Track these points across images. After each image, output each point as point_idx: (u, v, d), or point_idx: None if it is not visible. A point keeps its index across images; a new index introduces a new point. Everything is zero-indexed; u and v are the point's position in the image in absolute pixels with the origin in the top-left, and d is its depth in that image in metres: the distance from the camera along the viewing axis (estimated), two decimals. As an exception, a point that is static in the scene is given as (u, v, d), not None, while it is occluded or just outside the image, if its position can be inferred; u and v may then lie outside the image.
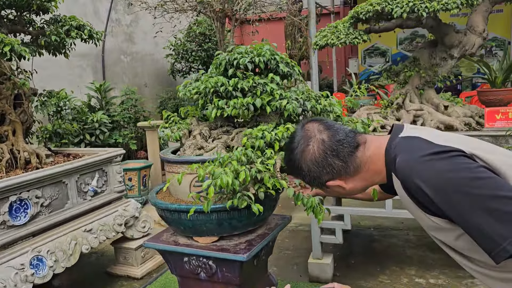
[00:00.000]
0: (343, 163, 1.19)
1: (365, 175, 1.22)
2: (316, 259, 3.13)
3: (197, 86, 1.87)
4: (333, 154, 1.19)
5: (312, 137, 1.21)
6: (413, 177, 1.05)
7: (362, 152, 1.20)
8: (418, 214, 1.14)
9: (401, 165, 1.09)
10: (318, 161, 1.20)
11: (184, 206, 1.72)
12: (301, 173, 1.25)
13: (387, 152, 1.17)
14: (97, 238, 2.99)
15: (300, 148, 1.22)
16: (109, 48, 6.56)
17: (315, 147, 1.20)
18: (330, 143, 1.19)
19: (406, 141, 1.15)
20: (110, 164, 3.22)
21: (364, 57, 9.63)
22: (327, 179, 1.23)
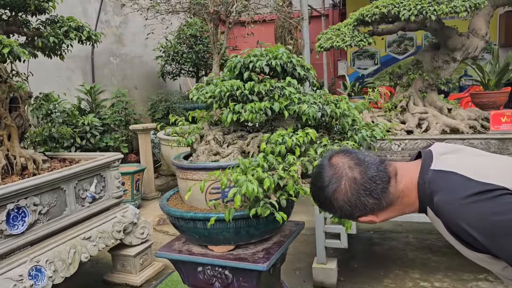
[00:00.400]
0: (376, 200, 1.16)
1: (397, 207, 1.19)
2: (320, 264, 3.09)
3: (211, 89, 1.80)
4: (366, 193, 1.15)
5: (344, 176, 1.16)
6: (457, 220, 1.03)
7: (395, 187, 1.16)
8: (461, 248, 1.12)
9: (442, 207, 1.07)
10: (351, 201, 1.16)
11: (201, 215, 1.65)
12: (331, 210, 1.22)
13: (420, 186, 1.14)
14: (96, 246, 2.89)
15: (331, 188, 1.17)
16: (99, 50, 6.42)
17: (347, 187, 1.15)
18: (362, 182, 1.15)
19: (442, 177, 1.11)
20: (108, 169, 3.13)
21: (353, 59, 9.68)
22: (359, 215, 1.20)
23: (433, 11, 2.49)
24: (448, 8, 2.46)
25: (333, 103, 1.77)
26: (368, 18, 2.78)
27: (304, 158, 1.62)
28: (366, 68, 9.51)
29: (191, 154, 2.00)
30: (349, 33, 2.87)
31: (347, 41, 2.81)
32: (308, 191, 1.53)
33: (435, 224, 1.20)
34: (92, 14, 6.36)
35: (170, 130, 2.06)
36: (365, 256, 3.54)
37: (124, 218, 3.16)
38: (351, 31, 2.89)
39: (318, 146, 1.68)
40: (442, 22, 3.03)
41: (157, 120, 6.66)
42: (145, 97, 7.17)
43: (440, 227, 1.14)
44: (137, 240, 3.29)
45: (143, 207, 5.23)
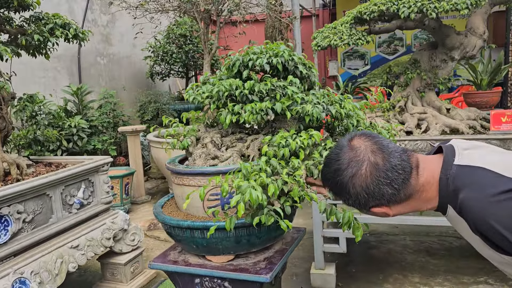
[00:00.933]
0: (396, 191, 1.06)
1: (414, 202, 1.10)
2: (318, 269, 3.00)
3: (208, 89, 1.70)
4: (387, 182, 1.05)
5: (366, 160, 1.06)
6: (487, 219, 0.94)
7: (416, 179, 1.07)
8: (485, 250, 1.03)
9: (469, 204, 0.98)
10: (370, 188, 1.06)
11: (199, 224, 1.54)
12: (345, 196, 1.12)
13: (442, 182, 1.05)
14: (85, 254, 2.75)
15: (350, 171, 1.07)
16: (85, 50, 6.25)
17: (368, 173, 1.06)
18: (384, 169, 1.05)
19: (468, 173, 1.02)
20: (96, 174, 2.99)
21: (343, 59, 9.65)
22: (374, 205, 1.10)
23: (434, 8, 2.42)
24: (449, 5, 2.39)
25: (338, 103, 1.67)
26: (367, 16, 2.70)
27: (309, 162, 1.52)
28: (356, 69, 9.48)
29: (186, 158, 1.88)
30: (346, 31, 2.79)
31: (345, 40, 2.72)
32: (315, 198, 1.43)
33: (454, 224, 1.11)
34: (79, 12, 6.19)
35: (163, 131, 1.94)
36: (363, 260, 3.46)
37: (114, 225, 3.03)
38: (348, 29, 2.81)
39: (323, 149, 1.58)
40: (440, 21, 2.97)
41: (146, 122, 6.51)
42: (133, 98, 7.01)
43: (462, 227, 1.05)
44: (128, 247, 3.16)
45: (133, 212, 5.09)
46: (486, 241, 0.99)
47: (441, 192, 1.06)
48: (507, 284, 2.92)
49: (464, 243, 3.63)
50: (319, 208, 1.40)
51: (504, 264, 1.03)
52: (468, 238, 1.09)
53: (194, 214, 1.68)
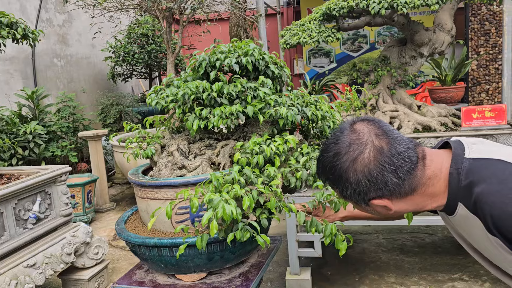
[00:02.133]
0: (400, 181, 0.95)
1: (418, 198, 0.99)
2: (294, 274, 2.91)
3: (173, 92, 1.55)
4: (391, 168, 0.94)
5: (369, 143, 0.95)
6: (510, 212, 0.84)
7: (422, 171, 0.96)
8: (499, 252, 0.93)
9: (490, 199, 0.88)
10: (372, 175, 0.94)
11: (167, 241, 1.40)
12: (344, 184, 0.98)
13: (453, 177, 0.95)
14: (43, 273, 2.53)
15: (351, 155, 0.95)
16: (40, 51, 5.91)
17: (371, 157, 0.94)
18: (389, 154, 0.94)
19: (484, 166, 0.93)
20: (54, 185, 2.77)
21: (309, 57, 9.64)
22: (374, 196, 0.98)
23: (404, 3, 2.37)
24: (420, 0, 2.34)
25: (313, 104, 1.57)
26: (336, 12, 2.62)
27: (285, 169, 1.41)
28: (322, 66, 9.50)
29: (151, 168, 1.73)
30: (315, 28, 2.70)
31: (314, 37, 2.63)
32: (294, 209, 1.32)
33: (461, 226, 1.01)
34: (32, 11, 5.84)
35: (124, 137, 1.78)
36: (338, 262, 3.39)
37: (75, 238, 2.82)
38: (317, 26, 2.72)
39: (299, 154, 1.47)
40: (409, 17, 2.93)
41: (109, 125, 6.23)
42: (94, 101, 6.70)
43: (474, 229, 0.95)
44: (91, 261, 2.95)
45: (96, 221, 4.83)
46: (505, 242, 0.89)
47: (451, 188, 0.96)
48: (481, 280, 2.92)
49: (436, 239, 3.64)
50: (298, 220, 1.29)
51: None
52: (478, 241, 0.99)
53: (161, 230, 1.53)
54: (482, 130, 2.57)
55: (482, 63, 7.39)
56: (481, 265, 3.10)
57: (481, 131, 2.55)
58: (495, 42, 7.23)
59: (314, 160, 1.40)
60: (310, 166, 1.39)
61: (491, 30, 7.23)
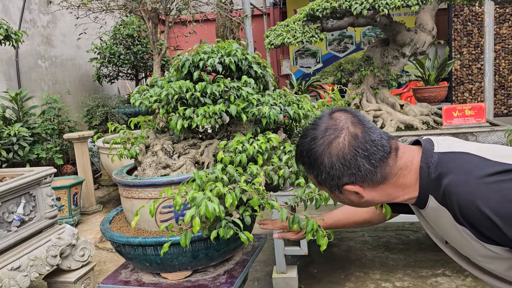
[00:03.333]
0: (372, 167, 0.99)
1: (389, 188, 1.03)
2: (280, 273, 2.93)
3: (156, 93, 1.56)
4: (364, 154, 0.98)
5: (344, 129, 0.99)
6: (474, 201, 0.88)
7: (394, 160, 1.01)
8: (469, 243, 0.97)
9: (455, 189, 0.92)
10: (346, 159, 0.99)
11: (152, 240, 1.41)
12: (319, 168, 1.02)
13: (423, 171, 0.99)
14: (28, 276, 2.51)
15: (327, 138, 1.00)
16: (24, 52, 5.85)
17: (346, 142, 0.99)
18: (363, 141, 0.98)
19: (452, 158, 0.97)
20: (38, 187, 2.75)
21: (295, 58, 9.70)
22: (347, 181, 1.02)
23: (385, 4, 2.41)
24: (400, 1, 2.39)
25: (295, 103, 1.59)
26: (319, 13, 2.66)
27: (268, 167, 1.43)
28: (309, 67, 9.57)
29: (135, 168, 1.74)
30: (299, 29, 2.73)
31: (298, 37, 2.67)
32: (276, 206, 1.34)
33: (432, 220, 1.05)
34: (15, 12, 5.77)
35: (109, 138, 1.78)
36: (324, 260, 3.43)
37: (60, 241, 2.80)
38: (301, 27, 2.76)
39: (282, 152, 1.50)
40: (391, 17, 2.99)
41: (95, 127, 6.19)
42: (80, 103, 6.65)
43: (443, 220, 0.99)
44: (77, 263, 2.94)
45: (83, 223, 4.80)
46: (472, 231, 0.92)
47: (421, 181, 1.00)
48: (463, 275, 2.98)
49: (420, 236, 3.70)
50: (280, 216, 1.31)
51: (488, 258, 0.97)
52: (448, 233, 1.03)
53: (146, 229, 1.54)
54: (462, 128, 2.63)
55: (465, 63, 7.52)
56: (463, 261, 3.16)
57: (462, 129, 2.61)
58: (478, 43, 7.36)
59: (296, 158, 1.43)
60: (292, 164, 1.41)
61: (474, 31, 7.37)
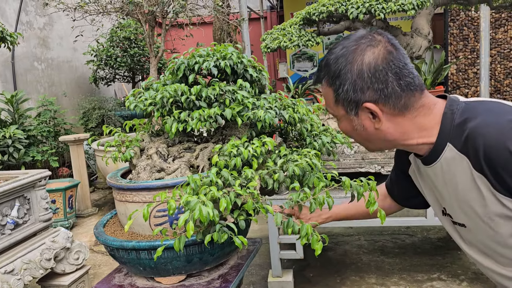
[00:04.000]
0: (400, 89, 0.96)
1: (406, 123, 1.00)
2: (276, 277, 2.92)
3: (151, 96, 1.56)
4: (396, 72, 0.95)
5: (382, 42, 0.97)
6: (507, 143, 0.85)
7: (419, 96, 0.99)
8: (479, 198, 0.94)
9: (485, 130, 0.89)
10: (377, 69, 0.95)
11: (145, 244, 1.40)
12: (345, 76, 0.98)
13: (447, 116, 0.97)
14: (21, 279, 2.49)
15: (361, 46, 0.97)
16: (20, 54, 5.83)
17: (381, 53, 0.96)
18: (398, 60, 0.96)
19: (481, 103, 0.96)
20: (33, 189, 2.73)
21: (292, 61, 9.71)
22: (370, 98, 0.97)
23: (382, 9, 2.42)
24: (396, 6, 2.40)
25: (291, 107, 1.59)
26: (315, 17, 2.66)
27: (263, 171, 1.42)
28: (306, 70, 9.57)
29: (130, 171, 1.73)
30: (296, 32, 2.73)
31: (294, 41, 2.67)
32: (271, 210, 1.34)
33: (441, 174, 1.02)
34: (11, 14, 5.76)
35: (104, 141, 1.78)
36: (320, 264, 3.42)
37: (55, 244, 2.78)
38: (297, 30, 2.76)
39: (277, 156, 1.49)
40: (387, 22, 2.99)
41: (91, 130, 6.17)
42: (76, 105, 6.63)
43: (457, 171, 0.96)
44: (71, 267, 2.92)
45: (78, 226, 4.78)
46: (491, 179, 0.90)
47: (443, 126, 0.98)
48: (459, 279, 2.98)
49: (416, 240, 3.70)
50: (275, 221, 1.31)
51: (496, 217, 0.94)
52: (456, 190, 1.00)
53: (140, 233, 1.53)
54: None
55: (461, 67, 7.55)
56: (458, 265, 3.16)
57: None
58: (474, 47, 7.40)
59: (291, 162, 1.42)
60: (287, 168, 1.41)
61: (470, 35, 7.41)
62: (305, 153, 1.47)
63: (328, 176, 1.39)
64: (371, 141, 1.08)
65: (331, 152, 1.73)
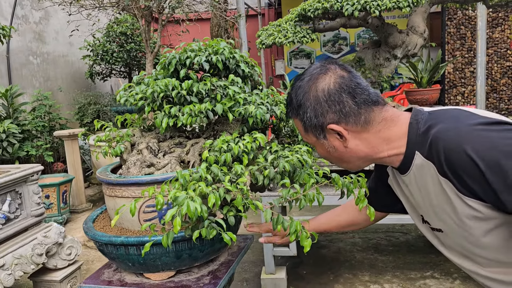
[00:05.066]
0: (356, 106, 1.02)
1: (372, 137, 1.04)
2: (269, 274, 2.92)
3: (142, 90, 1.54)
4: (349, 91, 1.02)
5: (332, 70, 1.06)
6: (464, 147, 0.87)
7: (379, 110, 1.03)
8: (448, 202, 0.96)
9: (445, 135, 0.92)
10: (331, 93, 1.03)
11: (134, 239, 1.39)
12: (305, 105, 1.06)
13: (412, 126, 1.00)
14: (12, 274, 2.48)
15: (315, 74, 1.06)
16: (15, 48, 5.79)
17: (332, 79, 1.04)
18: (349, 81, 1.04)
19: (443, 112, 0.99)
20: (25, 184, 2.72)
21: (290, 59, 9.69)
22: (331, 120, 1.04)
23: (377, 6, 2.41)
24: (392, 3, 2.39)
25: (282, 103, 1.58)
26: (311, 13, 2.64)
27: (253, 167, 1.41)
28: (303, 68, 9.55)
29: (121, 166, 1.72)
30: (291, 29, 2.72)
31: (289, 37, 2.65)
32: (260, 206, 1.33)
33: (416, 181, 1.04)
34: (6, 8, 5.71)
35: (95, 137, 1.76)
36: (314, 261, 3.42)
37: (47, 239, 2.77)
38: (293, 27, 2.74)
39: (268, 152, 1.48)
40: (383, 19, 2.98)
41: (86, 125, 6.15)
42: (72, 100, 6.60)
43: (426, 176, 0.99)
44: (63, 262, 2.90)
45: (72, 221, 4.76)
46: (455, 182, 0.92)
47: (410, 136, 1.01)
48: (452, 277, 2.99)
49: (410, 238, 3.70)
50: (264, 217, 1.30)
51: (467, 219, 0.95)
52: (429, 195, 1.02)
53: (129, 228, 1.52)
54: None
55: (458, 66, 7.55)
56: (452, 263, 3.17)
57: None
58: (471, 46, 7.40)
59: (282, 158, 1.41)
60: (278, 164, 1.39)
61: (467, 34, 7.40)
62: (296, 150, 1.46)
63: (320, 173, 1.38)
64: (345, 160, 1.13)
65: (323, 149, 1.72)
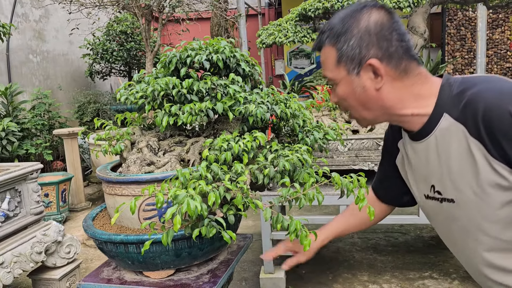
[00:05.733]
0: (402, 50, 0.99)
1: (405, 89, 1.02)
2: (268, 273, 2.92)
3: (142, 88, 1.54)
4: (399, 34, 0.99)
5: (384, 8, 1.02)
6: (508, 106, 0.86)
7: (417, 65, 1.02)
8: (472, 167, 0.94)
9: (487, 94, 0.91)
10: (383, 27, 0.99)
11: (134, 237, 1.39)
12: (351, 33, 0.99)
13: (444, 88, 0.99)
14: (11, 272, 2.48)
15: (366, 7, 1.01)
16: (15, 47, 5.79)
17: (386, 15, 1.00)
18: (399, 26, 1.00)
19: (480, 76, 0.98)
20: (24, 182, 2.71)
21: (289, 58, 9.70)
22: (373, 55, 0.98)
23: (378, 6, 2.40)
24: (392, 3, 2.39)
25: (283, 102, 1.58)
26: (311, 13, 2.64)
27: (253, 166, 1.41)
28: (303, 68, 9.56)
29: (121, 164, 1.72)
30: (291, 28, 2.72)
31: (290, 37, 2.65)
32: (260, 205, 1.33)
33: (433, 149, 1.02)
34: (7, 6, 5.71)
35: (95, 135, 1.76)
36: (313, 260, 3.38)
37: (46, 237, 2.77)
38: (293, 26, 2.74)
39: (268, 151, 1.48)
40: (384, 19, 2.98)
41: (86, 124, 6.15)
42: (71, 99, 6.59)
43: (452, 140, 0.97)
44: (63, 260, 2.90)
45: (71, 220, 4.76)
46: (488, 144, 0.90)
47: (440, 96, 1.00)
48: (450, 278, 2.99)
49: (409, 238, 3.70)
50: (264, 216, 1.30)
51: (487, 186, 0.93)
52: (450, 161, 0.99)
53: (129, 226, 1.52)
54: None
55: (458, 67, 7.55)
56: (450, 264, 3.16)
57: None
58: (470, 47, 7.40)
59: (282, 157, 1.41)
60: (278, 163, 1.40)
61: (467, 35, 7.41)
62: (296, 149, 1.46)
63: (320, 172, 1.38)
64: (368, 107, 1.06)
65: (323, 149, 1.72)
